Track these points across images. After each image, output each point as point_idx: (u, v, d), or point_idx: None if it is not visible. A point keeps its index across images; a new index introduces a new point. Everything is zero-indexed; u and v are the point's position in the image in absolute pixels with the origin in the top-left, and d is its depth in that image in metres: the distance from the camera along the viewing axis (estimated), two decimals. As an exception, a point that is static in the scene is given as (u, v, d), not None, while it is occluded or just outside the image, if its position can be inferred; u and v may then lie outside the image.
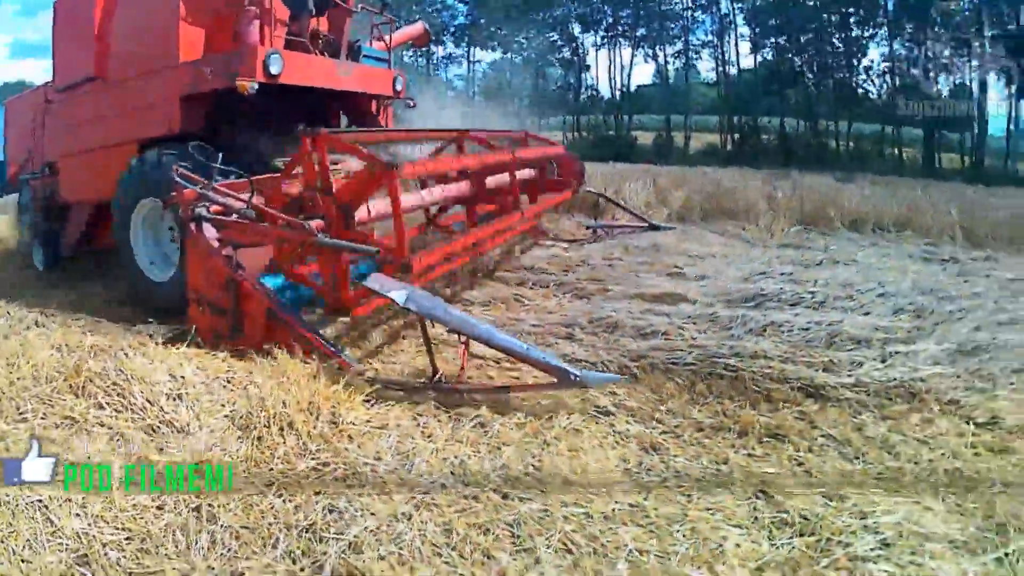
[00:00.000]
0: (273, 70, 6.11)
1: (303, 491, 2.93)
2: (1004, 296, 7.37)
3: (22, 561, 2.45)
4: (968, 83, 25.75)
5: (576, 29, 32.40)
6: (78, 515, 2.64)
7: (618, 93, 32.09)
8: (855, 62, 28.93)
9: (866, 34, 28.71)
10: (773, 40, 30.10)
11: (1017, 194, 14.88)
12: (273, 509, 2.82)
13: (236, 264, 4.68)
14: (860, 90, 28.90)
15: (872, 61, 29.10)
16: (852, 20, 28.50)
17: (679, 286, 7.51)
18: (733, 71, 31.12)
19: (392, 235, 4.93)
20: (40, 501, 2.67)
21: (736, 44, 30.62)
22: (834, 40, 29.15)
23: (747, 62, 30.70)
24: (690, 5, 31.44)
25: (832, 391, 4.82)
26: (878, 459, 3.86)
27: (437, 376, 4.24)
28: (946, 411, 4.63)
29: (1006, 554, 3.02)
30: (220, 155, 5.05)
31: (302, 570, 2.52)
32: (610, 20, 31.80)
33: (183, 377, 3.82)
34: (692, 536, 2.91)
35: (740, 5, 30.31)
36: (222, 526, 2.67)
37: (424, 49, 32.07)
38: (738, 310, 6.56)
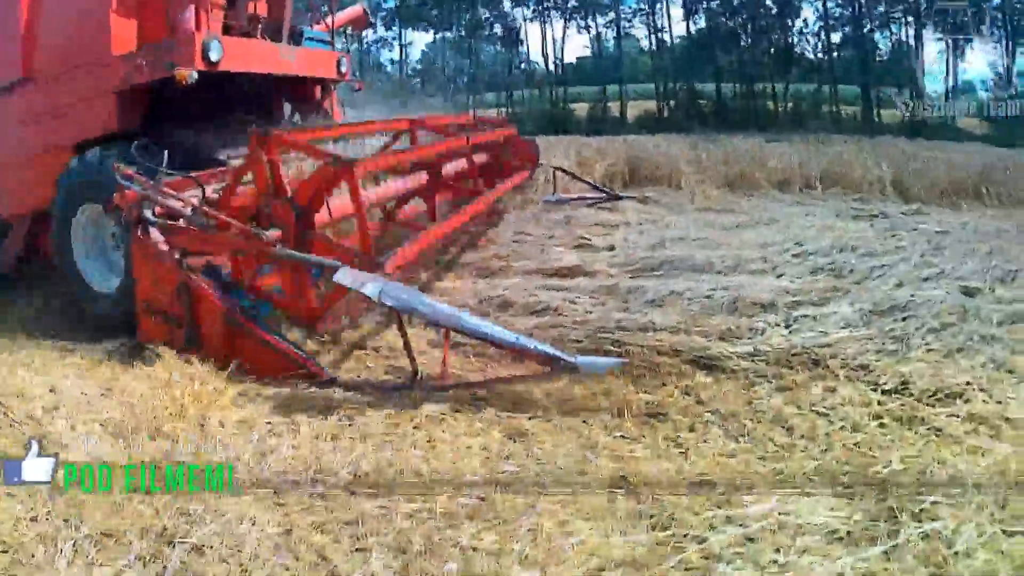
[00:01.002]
0: (213, 57, 5.69)
1: (163, 495, 2.81)
2: (929, 250, 6.91)
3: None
4: (905, 38, 25.65)
5: (507, 4, 31.63)
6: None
7: (552, 66, 31.51)
8: (789, 22, 28.66)
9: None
10: (705, 4, 29.65)
11: (953, 147, 14.52)
12: (135, 514, 2.70)
13: (187, 267, 4.31)
14: (796, 50, 28.69)
15: (805, 20, 28.88)
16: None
17: (586, 258, 6.99)
18: (668, 38, 30.66)
19: (355, 234, 4.66)
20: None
21: (668, 10, 30.13)
22: (767, 1, 28.80)
23: (680, 28, 30.26)
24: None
25: (726, 362, 4.32)
26: (766, 436, 3.46)
27: (418, 375, 3.92)
28: (852, 378, 4.13)
29: (894, 546, 2.53)
30: (166, 153, 4.75)
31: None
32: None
33: (62, 390, 3.83)
34: (534, 533, 2.62)
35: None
36: (85, 535, 2.56)
37: (356, 33, 31.11)
38: (639, 280, 6.07)
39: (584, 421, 3.63)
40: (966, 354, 4.32)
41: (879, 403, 3.82)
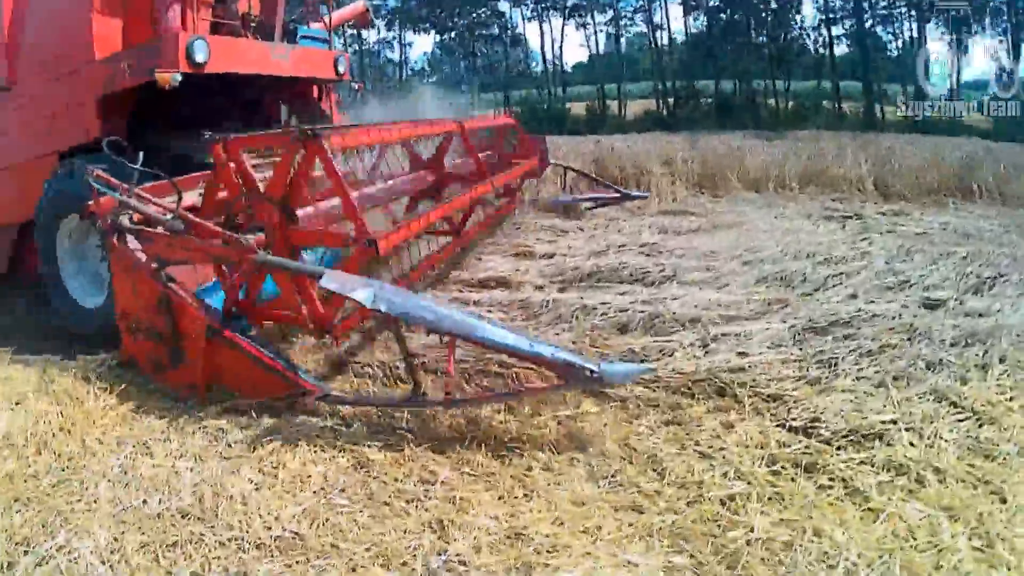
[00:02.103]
0: (198, 58, 5.35)
1: (37, 506, 2.83)
2: (899, 255, 6.22)
3: None
4: (909, 33, 24.80)
5: (505, 4, 31.12)
6: None
7: (551, 66, 30.97)
8: (790, 18, 27.86)
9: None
10: (705, 1, 28.93)
11: (947, 143, 13.64)
12: (11, 526, 2.71)
13: (167, 277, 3.94)
14: (795, 47, 27.88)
15: (802, 16, 28.12)
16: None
17: (520, 267, 6.38)
18: (666, 36, 30.01)
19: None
20: None
21: (667, 8, 29.50)
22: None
23: (679, 25, 29.67)
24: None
25: (618, 389, 3.71)
26: (631, 481, 2.97)
27: (420, 390, 3.44)
28: (760, 410, 3.52)
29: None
30: (141, 155, 4.30)
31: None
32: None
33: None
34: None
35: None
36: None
37: (356, 34, 30.83)
38: (561, 293, 5.41)
39: (440, 453, 3.19)
40: (902, 383, 3.65)
41: (780, 444, 3.19)
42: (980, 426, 3.28)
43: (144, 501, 2.81)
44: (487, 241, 7.37)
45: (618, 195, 9.22)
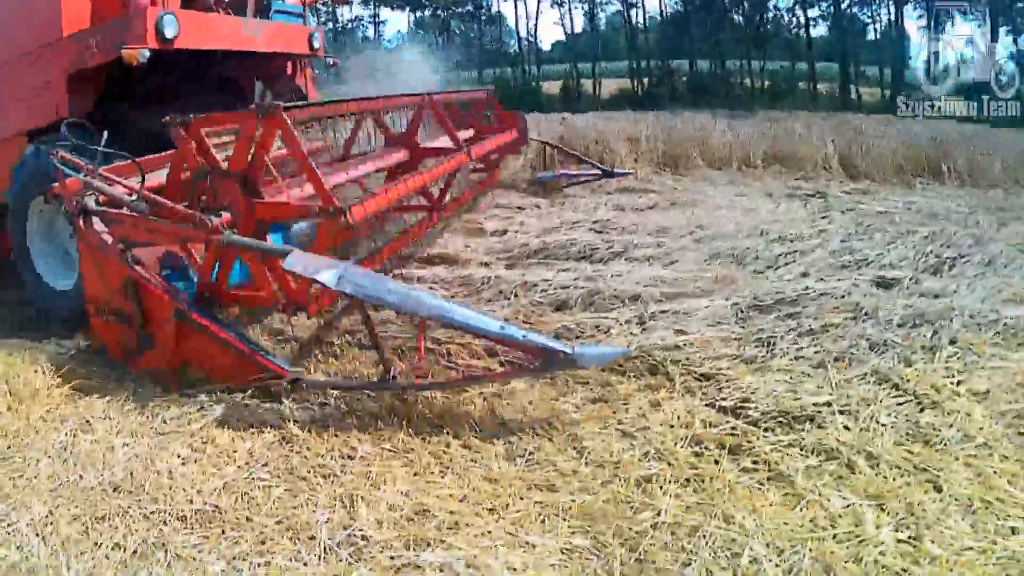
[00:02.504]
0: (168, 34, 5.17)
1: None
2: (857, 234, 6.03)
3: None
4: (888, 17, 24.64)
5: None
6: None
7: (525, 44, 30.60)
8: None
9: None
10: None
11: (920, 123, 13.50)
12: None
13: (134, 259, 3.82)
14: (770, 27, 27.74)
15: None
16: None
17: (469, 243, 6.19)
18: (644, 14, 29.76)
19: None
20: None
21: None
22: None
23: (654, 4, 29.42)
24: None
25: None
26: (548, 460, 2.87)
27: (390, 374, 3.30)
28: (691, 390, 3.37)
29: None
30: (106, 134, 4.16)
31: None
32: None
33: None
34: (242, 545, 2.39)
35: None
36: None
37: (330, 12, 30.35)
38: (506, 270, 5.23)
39: (364, 430, 3.13)
40: (842, 364, 3.47)
41: (707, 424, 3.03)
42: (921, 410, 3.10)
43: (80, 476, 2.83)
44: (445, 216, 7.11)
45: (600, 172, 8.97)
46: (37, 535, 2.48)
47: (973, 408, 3.10)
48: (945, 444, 2.84)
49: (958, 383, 3.32)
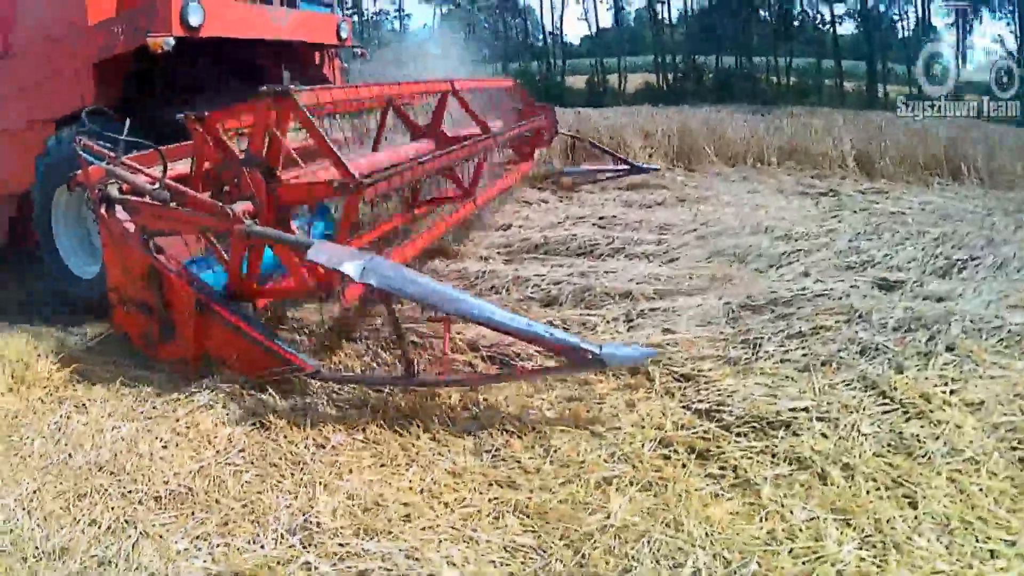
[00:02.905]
0: (192, 22, 5.16)
1: None
2: (866, 234, 5.88)
3: None
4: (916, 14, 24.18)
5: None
6: None
7: (550, 38, 30.42)
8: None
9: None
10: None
11: (939, 123, 13.16)
12: None
13: (156, 248, 3.83)
14: (796, 23, 27.31)
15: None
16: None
17: (471, 238, 6.17)
18: (669, 9, 29.46)
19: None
20: None
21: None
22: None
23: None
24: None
25: (527, 361, 3.57)
26: (513, 457, 2.85)
27: (413, 369, 3.27)
28: (671, 390, 3.28)
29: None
30: (128, 122, 4.23)
31: None
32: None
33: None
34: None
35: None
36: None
37: (354, 5, 30.40)
38: (505, 265, 5.17)
39: (339, 420, 3.15)
40: (829, 368, 3.35)
41: (678, 427, 2.95)
42: (907, 420, 2.97)
43: (70, 455, 2.95)
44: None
45: (627, 167, 8.84)
46: (24, 509, 2.62)
47: (964, 419, 2.96)
48: (929, 457, 2.72)
49: (951, 392, 3.18)
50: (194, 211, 3.71)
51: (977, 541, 2.28)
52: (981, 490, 2.54)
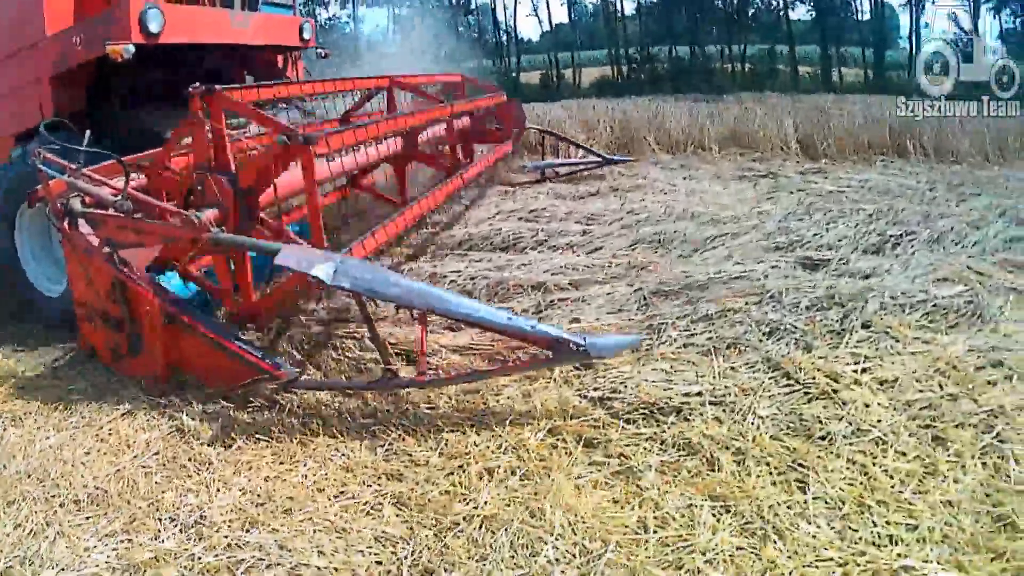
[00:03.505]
0: (152, 28, 5.02)
1: None
2: (797, 213, 5.80)
3: None
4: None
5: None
6: None
7: (504, 36, 30.37)
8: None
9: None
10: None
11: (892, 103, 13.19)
12: None
13: (120, 261, 3.72)
14: (751, 11, 27.47)
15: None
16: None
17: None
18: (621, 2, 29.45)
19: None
20: None
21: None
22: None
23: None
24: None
25: (429, 356, 3.46)
26: (403, 450, 2.83)
27: (391, 372, 3.20)
28: (569, 379, 3.19)
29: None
30: (88, 134, 4.07)
31: None
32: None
33: None
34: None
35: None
36: None
37: (310, 11, 30.10)
38: (420, 263, 5.07)
39: (250, 420, 3.16)
40: (732, 351, 3.24)
41: (568, 416, 2.86)
42: (809, 401, 2.89)
43: (4, 466, 2.99)
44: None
45: (600, 159, 8.66)
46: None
47: (874, 398, 2.88)
48: (830, 439, 2.63)
49: (863, 371, 3.10)
50: (159, 221, 3.64)
51: (875, 526, 2.19)
52: (886, 471, 2.46)
